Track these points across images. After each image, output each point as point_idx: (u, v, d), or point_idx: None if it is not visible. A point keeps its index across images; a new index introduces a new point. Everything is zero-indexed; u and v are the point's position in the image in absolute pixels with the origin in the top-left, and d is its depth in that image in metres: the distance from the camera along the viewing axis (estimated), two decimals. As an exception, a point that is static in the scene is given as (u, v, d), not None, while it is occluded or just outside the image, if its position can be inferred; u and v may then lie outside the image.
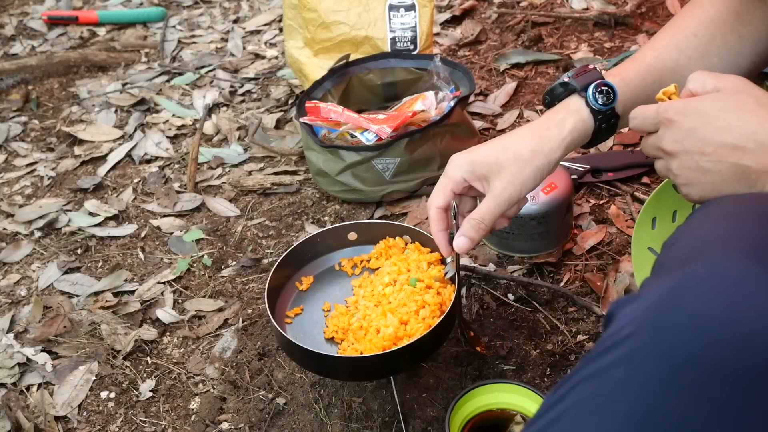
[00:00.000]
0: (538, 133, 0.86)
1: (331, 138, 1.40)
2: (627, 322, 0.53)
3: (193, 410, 1.12)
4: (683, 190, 0.71)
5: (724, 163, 0.66)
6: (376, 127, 1.38)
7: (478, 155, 0.87)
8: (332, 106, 1.44)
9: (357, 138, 1.38)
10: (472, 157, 0.87)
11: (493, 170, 0.85)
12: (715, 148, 0.66)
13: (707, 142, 0.66)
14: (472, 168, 0.87)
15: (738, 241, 0.56)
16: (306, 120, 1.43)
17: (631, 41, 1.85)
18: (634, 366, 0.51)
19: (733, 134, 0.65)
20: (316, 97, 1.51)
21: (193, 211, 1.54)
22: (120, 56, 2.17)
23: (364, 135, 1.38)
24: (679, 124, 0.68)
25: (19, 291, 1.40)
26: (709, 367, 0.49)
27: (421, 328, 0.98)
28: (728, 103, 0.66)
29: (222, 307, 1.29)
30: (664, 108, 0.70)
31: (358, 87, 1.60)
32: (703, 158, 0.67)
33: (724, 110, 0.66)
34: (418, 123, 1.38)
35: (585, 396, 0.54)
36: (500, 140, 0.88)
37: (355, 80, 1.59)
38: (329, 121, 1.42)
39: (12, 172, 1.75)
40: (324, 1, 1.60)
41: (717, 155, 0.66)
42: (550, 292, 1.22)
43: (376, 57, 1.59)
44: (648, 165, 1.43)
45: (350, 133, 1.39)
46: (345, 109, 1.43)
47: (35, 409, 1.15)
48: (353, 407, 1.07)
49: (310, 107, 1.44)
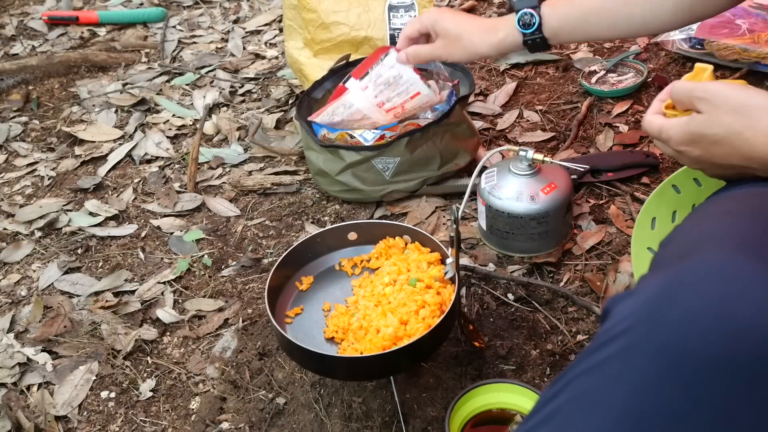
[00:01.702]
0: (487, 25, 1.12)
1: (330, 138, 1.40)
2: (623, 318, 0.54)
3: (193, 410, 1.12)
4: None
5: (741, 172, 0.72)
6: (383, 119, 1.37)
7: (443, 19, 1.15)
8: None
9: (356, 138, 1.38)
10: (438, 17, 1.16)
11: (446, 33, 1.14)
12: (727, 166, 0.72)
13: (719, 165, 0.73)
14: (434, 23, 1.16)
15: (734, 237, 0.57)
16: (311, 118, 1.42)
17: (631, 41, 1.85)
18: (629, 361, 0.52)
19: (735, 158, 0.69)
20: (317, 97, 1.51)
21: (193, 211, 1.54)
22: (120, 56, 2.17)
23: (362, 135, 1.38)
24: (688, 154, 0.74)
25: (19, 291, 1.40)
26: (704, 362, 0.49)
27: (421, 328, 0.98)
28: (718, 130, 0.69)
29: (222, 307, 1.29)
30: (666, 139, 0.76)
31: None
32: (722, 171, 0.75)
33: (718, 139, 0.69)
34: (417, 123, 1.38)
35: (581, 391, 0.54)
36: (461, 17, 1.14)
37: None
38: None
39: (12, 172, 1.75)
40: (324, 2, 1.60)
41: (730, 169, 0.73)
42: (549, 292, 1.22)
43: None
44: (648, 165, 1.43)
45: (349, 134, 1.39)
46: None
47: (35, 408, 1.15)
48: (353, 407, 1.07)
49: (340, 88, 1.41)
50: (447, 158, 1.41)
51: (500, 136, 1.62)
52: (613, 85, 1.69)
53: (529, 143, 1.57)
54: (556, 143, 1.57)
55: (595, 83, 1.70)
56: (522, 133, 1.61)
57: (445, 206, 1.43)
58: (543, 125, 1.63)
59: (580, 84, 1.71)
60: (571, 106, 1.67)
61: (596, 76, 1.72)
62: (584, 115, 1.62)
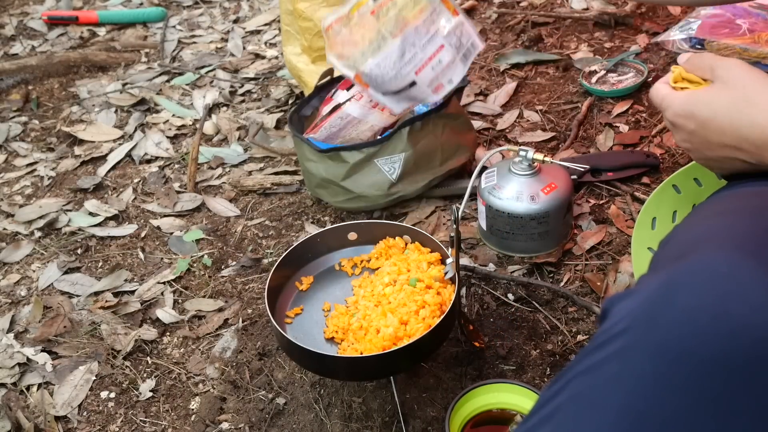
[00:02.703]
0: None
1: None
2: (621, 318, 0.54)
3: (193, 410, 1.12)
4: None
5: (727, 158, 0.72)
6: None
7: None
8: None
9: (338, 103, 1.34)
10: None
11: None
12: (717, 147, 0.72)
13: (709, 144, 0.72)
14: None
15: (732, 237, 0.57)
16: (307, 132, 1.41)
17: (631, 41, 1.85)
18: (628, 361, 0.52)
19: (729, 137, 0.70)
20: (305, 115, 1.49)
21: (193, 211, 1.54)
22: (120, 56, 2.17)
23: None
24: (682, 127, 0.74)
25: (19, 291, 1.40)
26: (701, 362, 0.49)
27: (421, 328, 0.98)
28: (720, 103, 0.70)
29: (222, 307, 1.29)
30: (666, 107, 0.76)
31: None
32: (709, 152, 0.74)
33: (717, 113, 0.70)
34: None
35: (580, 391, 0.54)
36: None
37: None
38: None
39: (12, 172, 1.75)
40: (319, 11, 1.58)
41: (720, 152, 0.72)
42: (550, 292, 1.22)
43: None
44: (648, 165, 1.43)
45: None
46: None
47: (35, 409, 1.15)
48: (353, 407, 1.07)
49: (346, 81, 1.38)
50: (448, 153, 1.40)
51: (500, 136, 1.62)
52: (613, 85, 1.69)
53: (529, 143, 1.57)
54: (556, 143, 1.57)
55: (596, 83, 1.70)
56: (522, 133, 1.61)
57: (445, 206, 1.43)
58: (543, 125, 1.63)
59: (581, 84, 1.71)
60: (571, 106, 1.67)
61: (596, 76, 1.72)
62: (584, 115, 1.62)
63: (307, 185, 1.48)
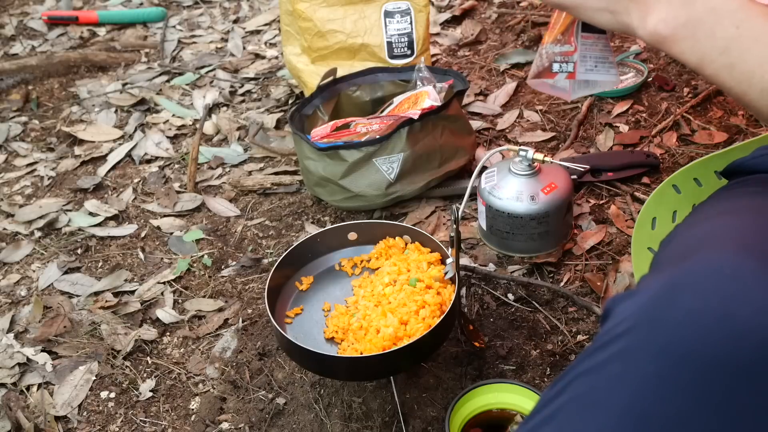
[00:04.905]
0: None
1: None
2: (624, 318, 0.54)
3: (193, 410, 1.12)
4: None
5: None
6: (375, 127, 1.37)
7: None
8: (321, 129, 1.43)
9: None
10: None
11: None
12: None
13: None
14: None
15: (734, 237, 0.56)
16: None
17: (631, 41, 1.85)
18: (630, 362, 0.52)
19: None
20: (307, 114, 1.49)
21: (193, 211, 1.54)
22: (120, 56, 2.17)
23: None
24: None
25: (19, 291, 1.40)
26: (704, 363, 0.49)
27: (421, 328, 0.98)
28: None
29: (222, 307, 1.29)
30: None
31: (347, 104, 1.57)
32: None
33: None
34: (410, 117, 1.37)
35: (582, 392, 0.54)
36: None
37: (344, 96, 1.56)
38: (330, 135, 1.40)
39: (12, 172, 1.75)
40: (319, 11, 1.58)
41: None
42: (550, 292, 1.22)
43: (363, 72, 1.56)
44: (648, 165, 1.43)
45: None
46: (335, 124, 1.42)
47: (35, 409, 1.15)
48: (353, 407, 1.07)
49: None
50: (448, 154, 1.40)
51: (500, 136, 1.62)
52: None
53: (529, 143, 1.57)
54: (556, 143, 1.57)
55: (595, 83, 1.70)
56: (522, 133, 1.61)
57: (445, 206, 1.43)
58: (543, 125, 1.63)
59: (580, 84, 1.71)
60: (571, 106, 1.67)
61: (596, 76, 1.72)
62: (584, 115, 1.62)
63: (306, 184, 1.48)
